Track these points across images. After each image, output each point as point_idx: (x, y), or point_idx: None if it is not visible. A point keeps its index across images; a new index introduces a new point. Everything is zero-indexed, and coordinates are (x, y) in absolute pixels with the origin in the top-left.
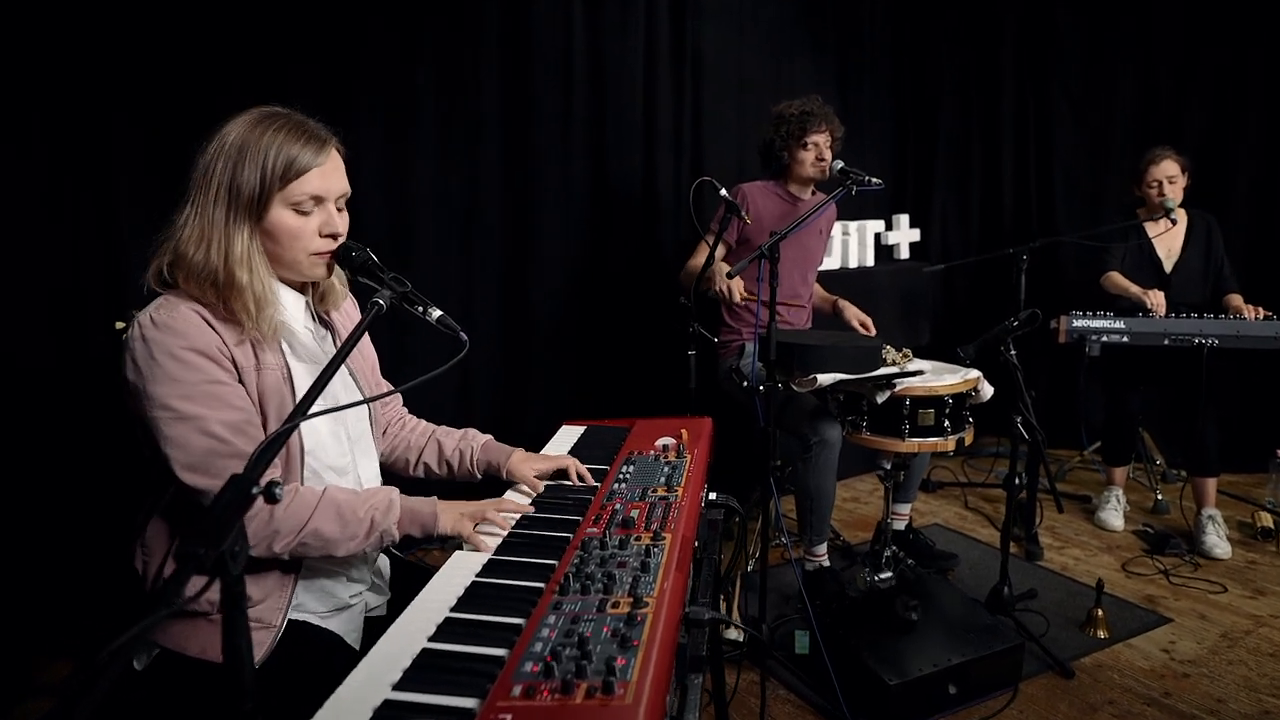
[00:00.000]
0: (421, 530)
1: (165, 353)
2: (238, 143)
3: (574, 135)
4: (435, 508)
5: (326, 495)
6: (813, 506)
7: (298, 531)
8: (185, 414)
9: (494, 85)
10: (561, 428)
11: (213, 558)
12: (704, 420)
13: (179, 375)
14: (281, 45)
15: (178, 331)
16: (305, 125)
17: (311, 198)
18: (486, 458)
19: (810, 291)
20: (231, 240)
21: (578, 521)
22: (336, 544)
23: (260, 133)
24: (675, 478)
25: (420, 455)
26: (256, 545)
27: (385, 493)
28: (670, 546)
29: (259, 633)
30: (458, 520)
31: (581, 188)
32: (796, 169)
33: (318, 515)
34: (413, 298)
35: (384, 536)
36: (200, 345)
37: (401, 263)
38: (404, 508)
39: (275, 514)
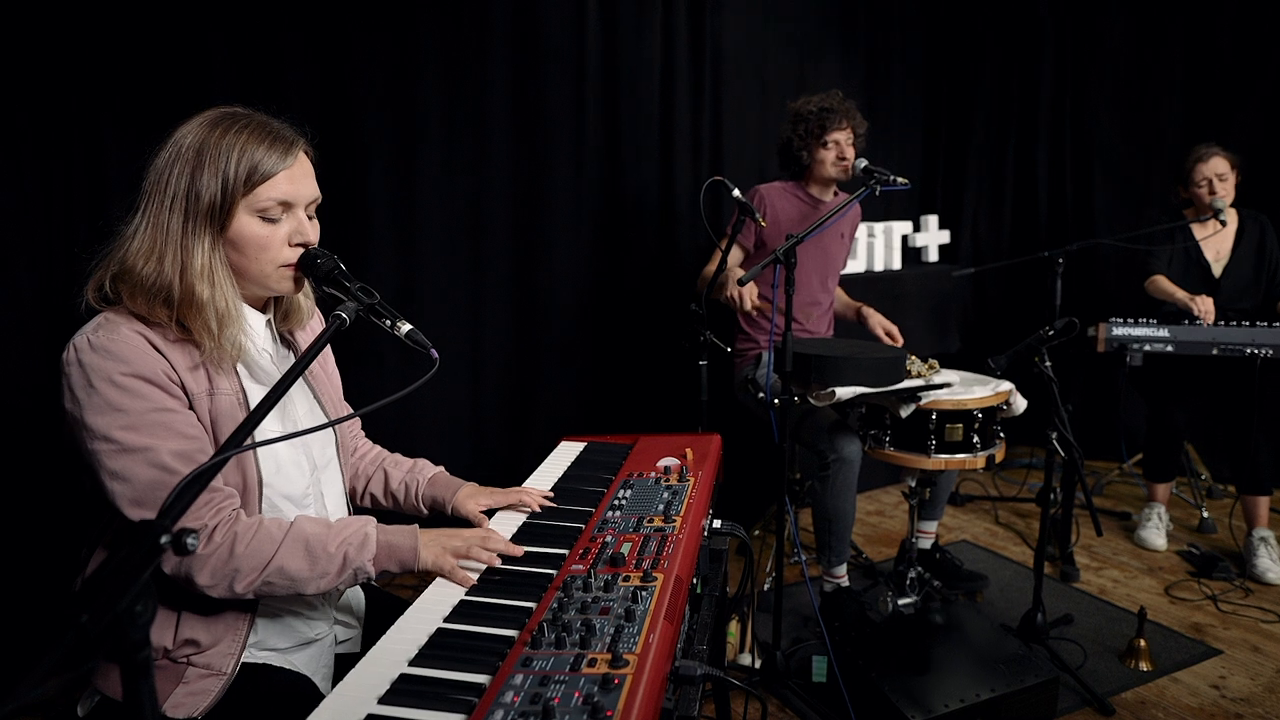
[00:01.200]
0: (400, 566)
1: (105, 379)
2: (196, 145)
3: (587, 137)
4: (416, 541)
5: (294, 528)
6: (831, 528)
7: (261, 570)
8: (130, 445)
9: (503, 86)
10: (561, 443)
11: (102, 624)
12: (711, 438)
13: (121, 404)
14: (279, 44)
15: (118, 356)
16: (270, 125)
17: (279, 204)
18: (432, 493)
19: (831, 298)
20: (190, 252)
21: (563, 556)
22: (305, 582)
23: (221, 134)
24: (675, 505)
25: (367, 484)
26: (216, 586)
27: (360, 525)
28: (660, 590)
29: (205, 680)
30: (440, 556)
31: (595, 192)
32: (817, 169)
33: (283, 551)
34: (380, 310)
35: (358, 574)
36: (144, 371)
37: (407, 268)
38: (381, 542)
39: (235, 550)
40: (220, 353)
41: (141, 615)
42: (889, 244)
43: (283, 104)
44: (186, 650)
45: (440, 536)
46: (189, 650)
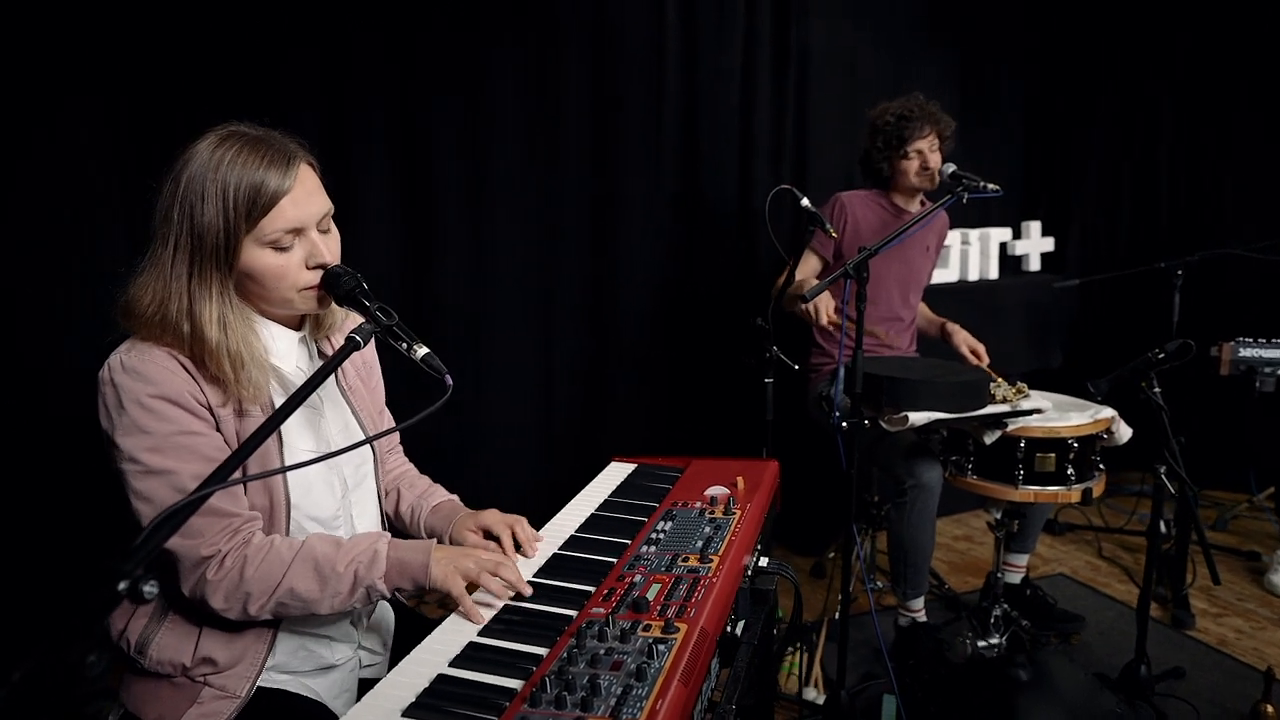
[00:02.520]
0: (413, 583)
1: (133, 400)
2: (193, 179)
3: (664, 141)
4: (428, 558)
5: (304, 549)
6: (906, 558)
7: (271, 592)
8: (154, 468)
9: (578, 91)
10: (610, 464)
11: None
12: (768, 464)
13: (148, 426)
14: (354, 46)
15: (147, 377)
16: (265, 143)
17: (288, 232)
18: (432, 522)
19: (914, 313)
20: (195, 297)
21: (587, 595)
22: (317, 602)
23: (217, 162)
24: (715, 542)
25: (384, 501)
26: (230, 609)
27: (370, 542)
28: (679, 646)
29: (218, 702)
30: (449, 574)
31: (670, 200)
32: (900, 180)
33: (292, 572)
34: (397, 332)
35: (370, 592)
36: (170, 393)
37: (477, 275)
38: (392, 559)
39: (245, 574)
40: (241, 391)
41: (94, 666)
42: (985, 252)
43: (357, 108)
44: (204, 669)
45: (454, 555)
46: (206, 669)
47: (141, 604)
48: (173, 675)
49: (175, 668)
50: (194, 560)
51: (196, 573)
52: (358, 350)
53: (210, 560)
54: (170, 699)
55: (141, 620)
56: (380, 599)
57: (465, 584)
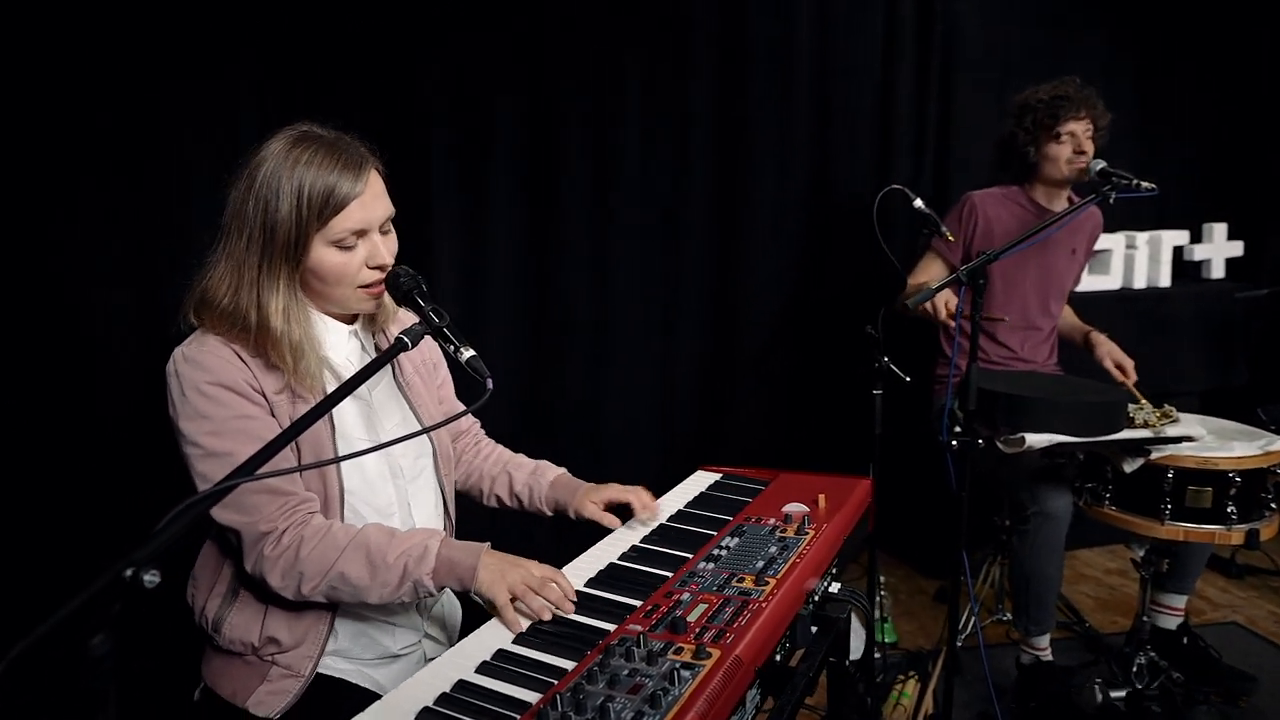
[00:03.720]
0: (459, 584)
1: (193, 388)
2: (269, 177)
3: (794, 138)
4: (477, 561)
5: (359, 536)
6: (1029, 589)
7: (324, 574)
8: (214, 450)
9: (704, 85)
10: (696, 473)
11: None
12: (858, 483)
13: (207, 411)
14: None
15: (205, 366)
16: (339, 148)
17: (354, 233)
18: (555, 496)
19: (1054, 323)
20: (264, 287)
21: (630, 609)
22: (367, 590)
23: (293, 163)
24: (776, 564)
25: (493, 486)
26: (286, 587)
27: (424, 536)
28: (706, 673)
29: (285, 680)
30: (495, 583)
31: (799, 198)
32: (1047, 169)
33: (345, 557)
34: (446, 333)
35: (417, 587)
36: (227, 380)
37: (600, 275)
38: (442, 557)
39: (301, 554)
40: (297, 381)
41: (99, 647)
42: (1155, 256)
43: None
44: (270, 649)
45: (503, 564)
46: (272, 649)
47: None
48: (244, 654)
49: (245, 646)
50: (254, 536)
51: (256, 549)
52: (405, 351)
53: (268, 536)
54: (243, 676)
55: (215, 600)
56: (427, 595)
57: (510, 595)
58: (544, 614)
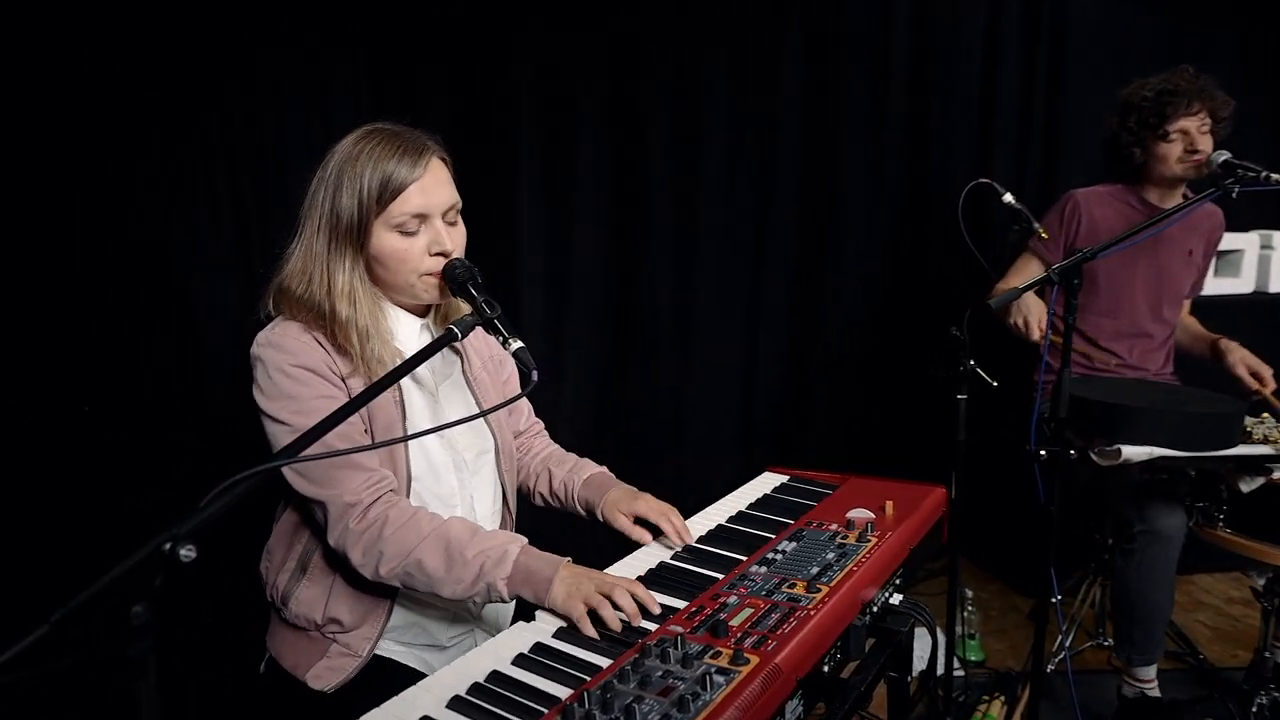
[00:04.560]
0: (534, 595)
1: (278, 370)
2: (336, 168)
3: (888, 132)
4: (555, 574)
5: (442, 527)
6: (1132, 616)
7: (403, 558)
8: (300, 428)
9: (793, 74)
10: (763, 474)
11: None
12: (930, 491)
13: (291, 391)
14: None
15: (287, 350)
16: (401, 137)
17: (414, 216)
18: (585, 495)
19: (1168, 330)
20: (333, 273)
21: (673, 611)
22: (440, 583)
23: (357, 153)
24: (832, 571)
25: (536, 484)
26: (366, 564)
27: (505, 540)
28: (741, 680)
29: (343, 659)
30: (569, 598)
31: (893, 196)
32: (1156, 168)
33: (425, 546)
34: (496, 325)
35: (490, 590)
36: (309, 363)
37: (684, 273)
38: (519, 564)
39: (384, 534)
40: (365, 367)
41: (139, 617)
42: None
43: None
44: (332, 627)
45: (580, 577)
46: (334, 628)
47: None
48: (308, 629)
49: (309, 622)
50: (340, 508)
51: (342, 522)
52: (455, 340)
53: (354, 508)
54: (305, 650)
55: (285, 576)
56: (499, 600)
57: (585, 608)
58: (614, 624)
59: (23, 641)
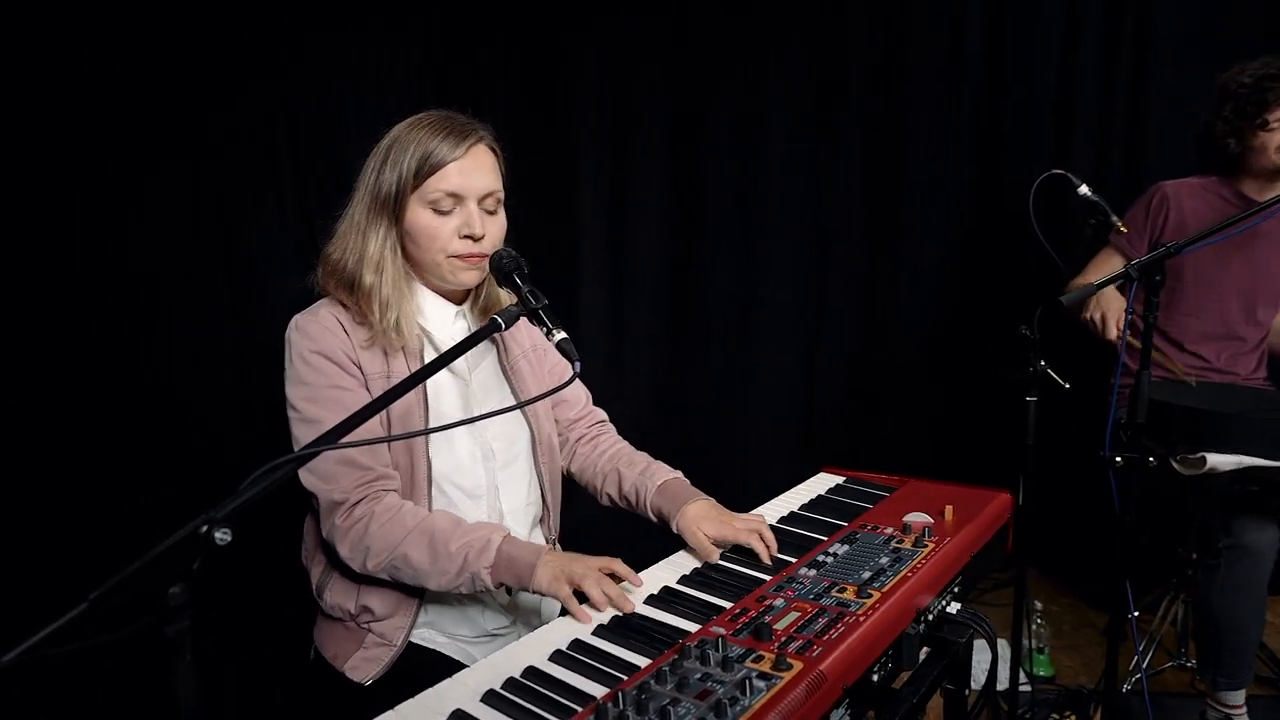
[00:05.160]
0: (517, 582)
1: (299, 354)
2: (386, 146)
3: (959, 121)
4: (536, 559)
5: (427, 520)
6: (1218, 637)
7: (389, 552)
8: (308, 416)
9: (858, 64)
10: (819, 474)
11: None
12: (994, 496)
13: (306, 378)
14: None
15: (310, 334)
16: (451, 120)
17: (449, 195)
18: (659, 503)
19: (1263, 332)
20: (367, 240)
21: (718, 611)
22: (427, 575)
23: (407, 131)
24: (885, 576)
25: (604, 484)
26: (354, 559)
27: (487, 531)
28: (783, 686)
29: (378, 649)
30: (555, 580)
31: (963, 189)
32: (1253, 160)
33: (410, 540)
34: (541, 315)
35: (475, 580)
36: (326, 349)
37: (744, 270)
38: (502, 553)
39: (369, 529)
40: (384, 338)
41: (176, 598)
42: None
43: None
44: (365, 617)
45: (562, 559)
46: (367, 617)
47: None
48: (344, 619)
49: (344, 612)
50: (328, 504)
51: (330, 517)
52: (499, 330)
53: (340, 506)
54: (343, 639)
55: (318, 567)
56: (484, 589)
57: (572, 588)
58: (602, 605)
59: (62, 618)
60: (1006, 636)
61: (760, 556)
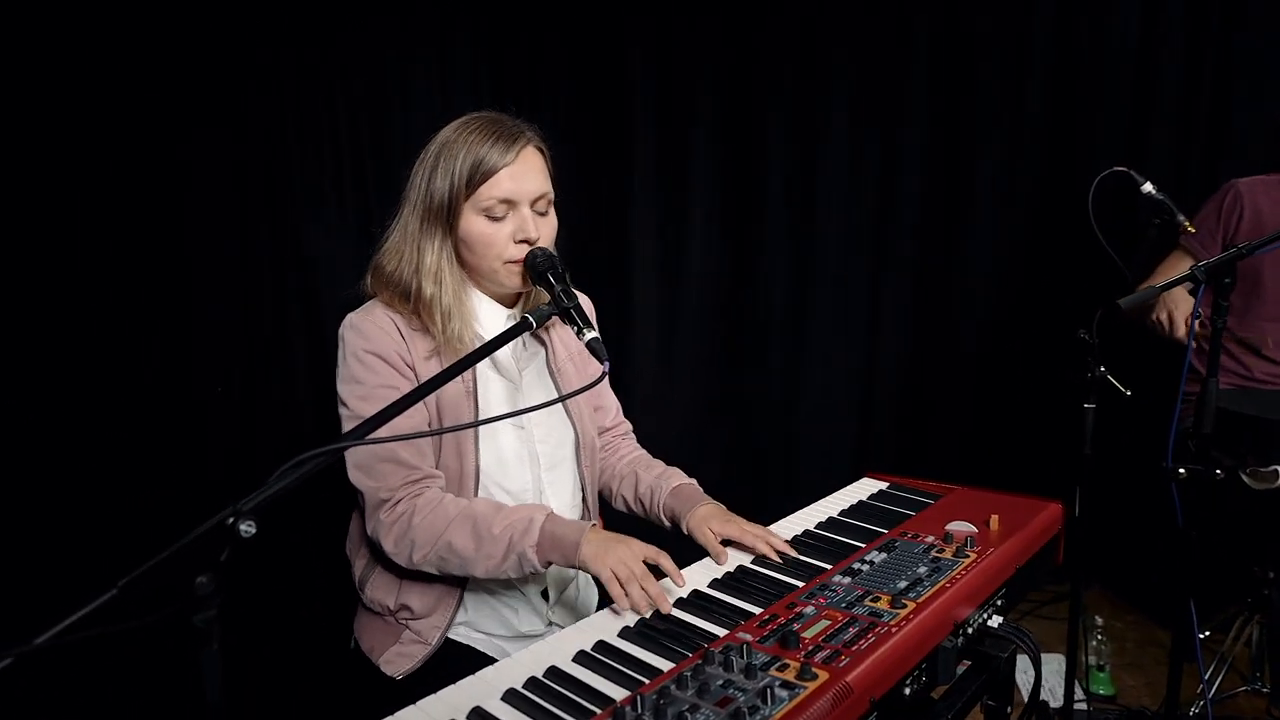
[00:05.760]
0: (563, 559)
1: (352, 353)
2: (435, 151)
3: (1024, 110)
4: (581, 536)
5: (468, 507)
6: None
7: (433, 543)
8: (360, 414)
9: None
10: (862, 479)
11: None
12: (1043, 506)
13: (359, 376)
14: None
15: (364, 334)
16: (499, 124)
17: (501, 202)
18: (672, 505)
19: None
20: (423, 252)
21: (747, 616)
22: (473, 562)
23: (455, 137)
24: (921, 586)
25: (619, 487)
26: (399, 553)
27: (529, 510)
28: (806, 696)
29: (414, 645)
30: (599, 557)
31: (1029, 183)
32: None
33: (453, 527)
34: (572, 314)
35: (522, 560)
36: (380, 349)
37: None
38: (546, 531)
39: (413, 522)
40: (447, 347)
41: (203, 587)
42: None
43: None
44: (404, 614)
45: (607, 540)
46: (406, 615)
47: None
48: (383, 614)
49: (384, 608)
50: (374, 501)
51: (375, 514)
52: (530, 329)
53: (385, 503)
54: (381, 633)
55: (362, 561)
56: (532, 570)
57: (612, 572)
58: (641, 607)
59: (91, 604)
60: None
61: (767, 553)
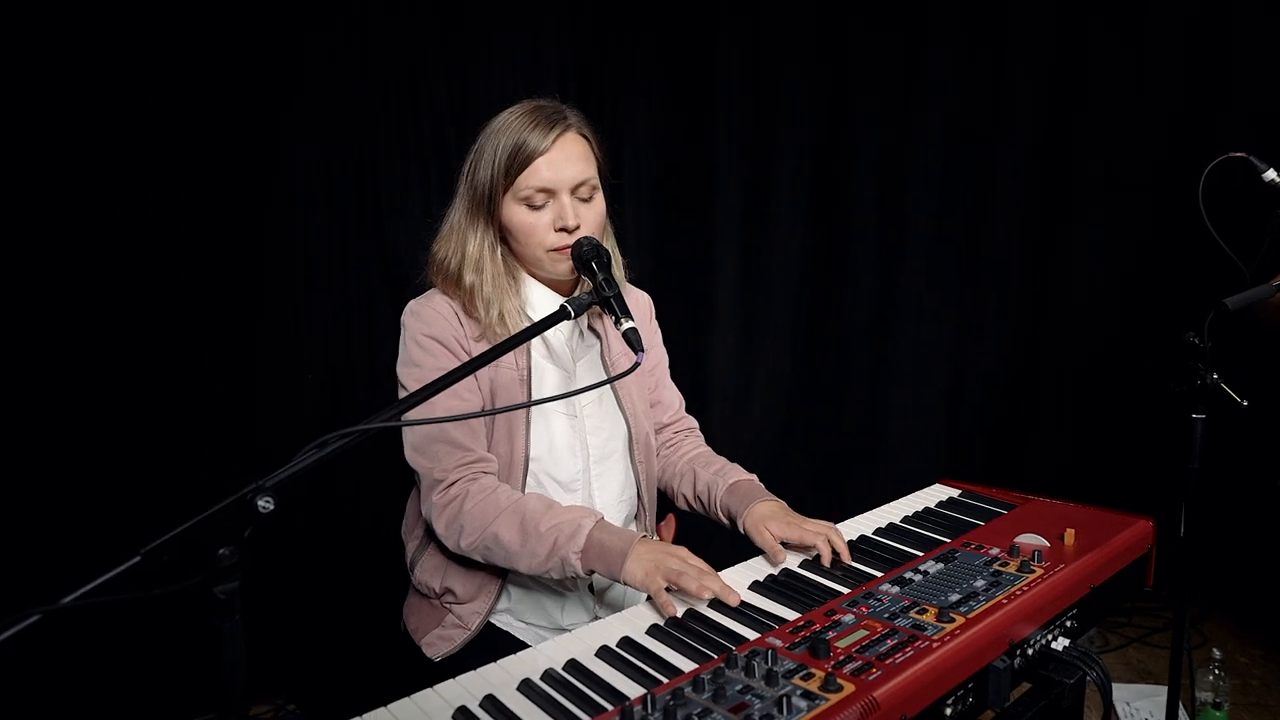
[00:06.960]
0: (607, 571)
1: (412, 338)
2: (482, 140)
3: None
4: (630, 548)
5: (519, 501)
6: None
7: (481, 531)
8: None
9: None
10: (934, 485)
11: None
12: (1129, 522)
13: (418, 360)
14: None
15: (423, 319)
16: (538, 110)
17: (539, 190)
18: (729, 502)
19: None
20: (466, 242)
21: (780, 621)
22: (516, 557)
23: (500, 126)
24: (975, 600)
25: (679, 484)
26: (448, 536)
27: (579, 515)
28: (824, 710)
29: (454, 630)
30: (650, 574)
31: (1143, 176)
32: None
33: (501, 519)
34: (611, 304)
35: (564, 564)
36: (438, 333)
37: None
38: (593, 539)
39: (464, 507)
40: (490, 331)
41: (226, 559)
42: None
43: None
44: (448, 598)
45: (657, 552)
46: (450, 598)
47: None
48: (429, 596)
49: (430, 590)
50: (429, 482)
51: (430, 495)
52: (567, 318)
53: (440, 484)
54: (425, 614)
55: (414, 543)
56: (574, 575)
57: (665, 583)
58: (704, 594)
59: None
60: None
61: (822, 558)
